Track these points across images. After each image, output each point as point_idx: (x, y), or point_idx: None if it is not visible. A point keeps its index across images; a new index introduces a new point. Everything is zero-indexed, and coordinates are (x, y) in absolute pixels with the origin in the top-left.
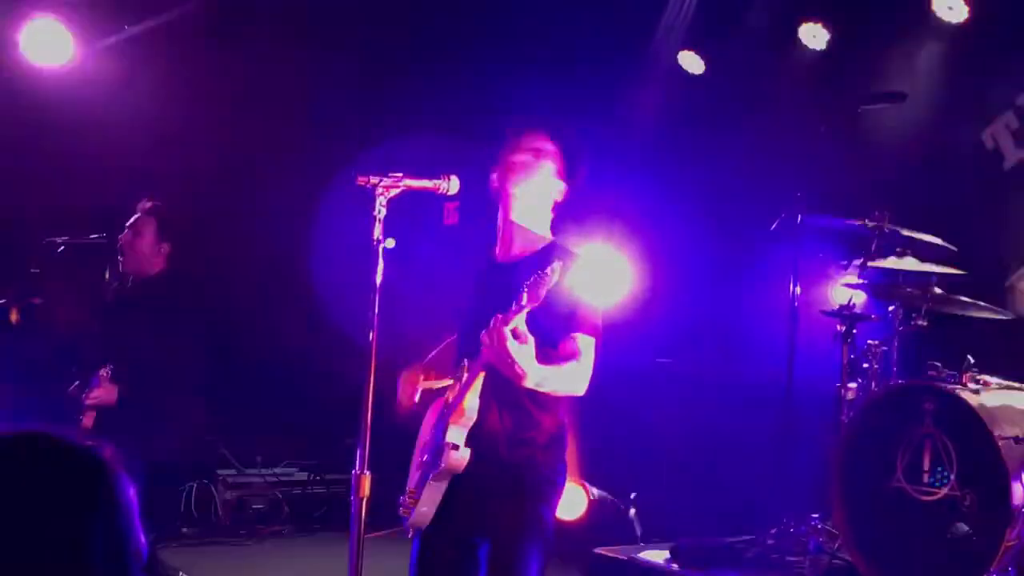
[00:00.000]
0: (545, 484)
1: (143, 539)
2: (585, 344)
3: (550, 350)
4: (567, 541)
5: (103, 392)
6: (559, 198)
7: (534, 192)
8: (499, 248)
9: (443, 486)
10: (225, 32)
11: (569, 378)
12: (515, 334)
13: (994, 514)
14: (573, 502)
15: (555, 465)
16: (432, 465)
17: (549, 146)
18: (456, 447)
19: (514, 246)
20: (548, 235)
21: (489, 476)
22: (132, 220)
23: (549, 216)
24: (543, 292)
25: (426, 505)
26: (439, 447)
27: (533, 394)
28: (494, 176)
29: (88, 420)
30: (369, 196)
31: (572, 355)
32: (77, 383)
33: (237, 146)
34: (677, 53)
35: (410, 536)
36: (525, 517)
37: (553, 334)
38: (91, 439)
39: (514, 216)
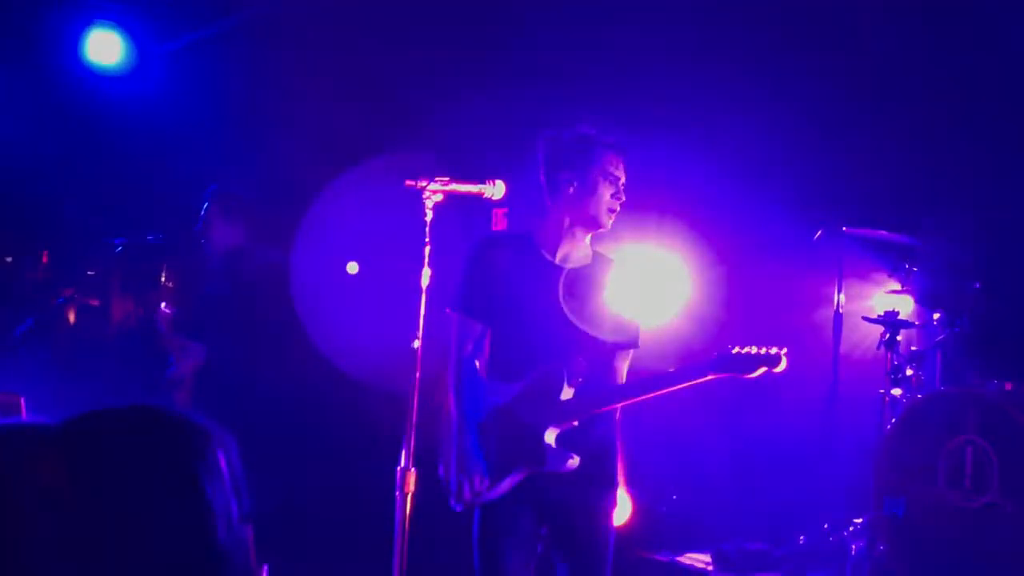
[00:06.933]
0: (609, 485)
1: (238, 505)
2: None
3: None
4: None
5: (189, 361)
6: None
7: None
8: (547, 249)
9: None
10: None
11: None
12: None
13: None
14: (620, 507)
15: (614, 469)
16: (525, 458)
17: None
18: (572, 456)
19: (568, 250)
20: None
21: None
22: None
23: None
24: None
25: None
26: (537, 443)
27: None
28: (575, 184)
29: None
30: (417, 199)
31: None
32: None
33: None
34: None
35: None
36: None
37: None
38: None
39: (579, 226)
